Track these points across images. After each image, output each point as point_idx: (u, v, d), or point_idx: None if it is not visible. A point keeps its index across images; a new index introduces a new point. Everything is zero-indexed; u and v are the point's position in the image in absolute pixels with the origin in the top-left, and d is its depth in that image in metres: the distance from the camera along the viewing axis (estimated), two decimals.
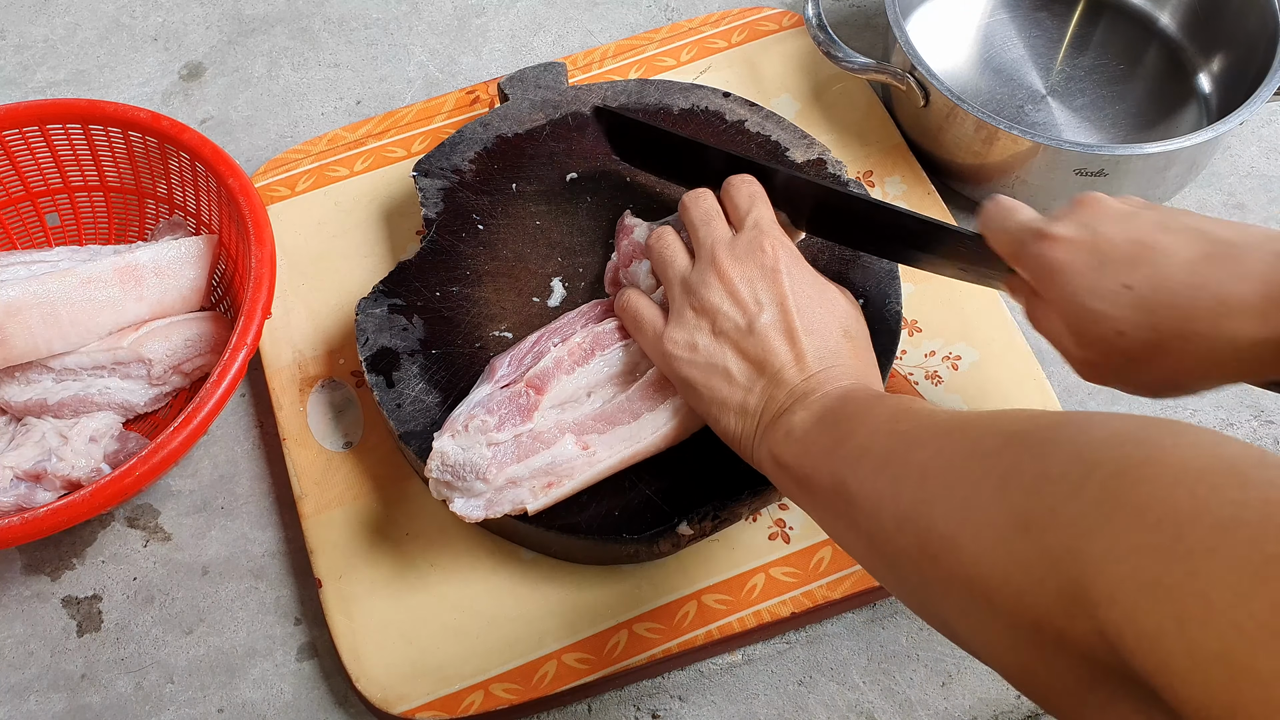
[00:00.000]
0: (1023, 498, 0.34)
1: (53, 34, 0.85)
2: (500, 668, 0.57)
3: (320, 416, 0.65)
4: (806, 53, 0.78)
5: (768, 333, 0.52)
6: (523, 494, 0.54)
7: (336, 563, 0.60)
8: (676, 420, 0.56)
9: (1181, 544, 0.28)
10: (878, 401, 0.46)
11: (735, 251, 0.54)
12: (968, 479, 0.37)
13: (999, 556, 0.34)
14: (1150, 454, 0.31)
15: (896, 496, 0.40)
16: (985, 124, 0.67)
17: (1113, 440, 0.33)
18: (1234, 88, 0.73)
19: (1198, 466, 0.30)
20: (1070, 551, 0.31)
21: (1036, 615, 0.32)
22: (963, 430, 0.40)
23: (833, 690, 0.59)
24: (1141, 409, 0.66)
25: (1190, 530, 0.28)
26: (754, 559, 0.60)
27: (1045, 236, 0.48)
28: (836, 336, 0.52)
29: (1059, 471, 0.33)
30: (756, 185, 0.57)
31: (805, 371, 0.50)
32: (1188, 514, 0.28)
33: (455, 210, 0.66)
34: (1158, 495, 0.30)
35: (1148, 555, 0.28)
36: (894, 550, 0.40)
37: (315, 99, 0.81)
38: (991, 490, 0.35)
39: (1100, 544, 0.30)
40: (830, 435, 0.46)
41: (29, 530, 0.54)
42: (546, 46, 0.84)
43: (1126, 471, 0.31)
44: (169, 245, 0.65)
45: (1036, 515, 0.33)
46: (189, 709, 0.59)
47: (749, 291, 0.53)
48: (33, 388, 0.63)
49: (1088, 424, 0.35)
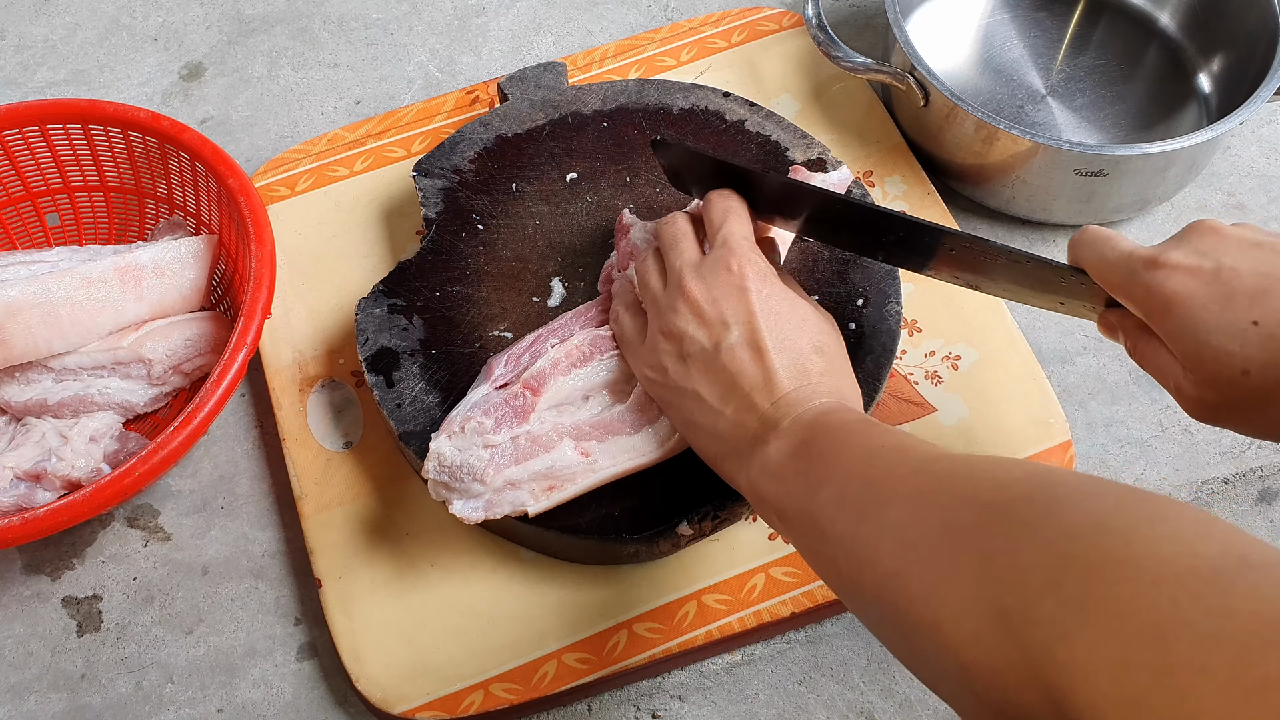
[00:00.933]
0: (999, 588, 0.33)
1: (53, 34, 0.85)
2: (500, 668, 0.57)
3: (320, 416, 0.65)
4: (806, 53, 0.78)
5: (735, 352, 0.50)
6: (523, 496, 0.54)
7: (336, 563, 0.60)
8: (677, 435, 0.56)
9: (1166, 659, 0.27)
10: (850, 435, 0.45)
11: (701, 272, 0.53)
12: (943, 558, 0.36)
13: (981, 649, 0.33)
14: (1127, 551, 0.30)
15: (874, 561, 0.39)
16: (985, 124, 0.67)
17: (1087, 528, 0.32)
18: (1234, 88, 0.73)
19: (1178, 569, 0.29)
20: (1049, 655, 0.30)
21: (1021, 713, 0.31)
22: (932, 494, 0.39)
23: (833, 690, 0.59)
24: (1136, 402, 0.66)
25: (1174, 644, 0.27)
26: (754, 559, 0.60)
27: (1160, 265, 0.45)
28: (808, 352, 0.51)
29: (1033, 561, 0.32)
30: (732, 200, 0.55)
31: (776, 392, 0.49)
32: (1170, 624, 0.28)
33: (455, 210, 0.66)
34: (1137, 600, 0.29)
35: (1132, 671, 0.28)
36: (874, 611, 0.40)
37: (315, 99, 0.81)
38: (969, 575, 0.34)
39: (1079, 650, 0.29)
40: (805, 477, 0.45)
41: (29, 530, 0.54)
42: (546, 46, 0.84)
43: (1102, 568, 0.30)
44: (169, 245, 0.65)
45: (1014, 609, 0.32)
46: (189, 709, 0.59)
47: (714, 311, 0.51)
48: (33, 388, 0.63)
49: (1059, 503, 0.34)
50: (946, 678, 0.36)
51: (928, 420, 0.64)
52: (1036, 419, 0.63)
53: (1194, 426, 0.66)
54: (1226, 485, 0.64)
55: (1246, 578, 0.28)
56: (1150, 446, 0.65)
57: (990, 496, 0.36)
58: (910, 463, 0.41)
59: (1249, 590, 0.28)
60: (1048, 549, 0.32)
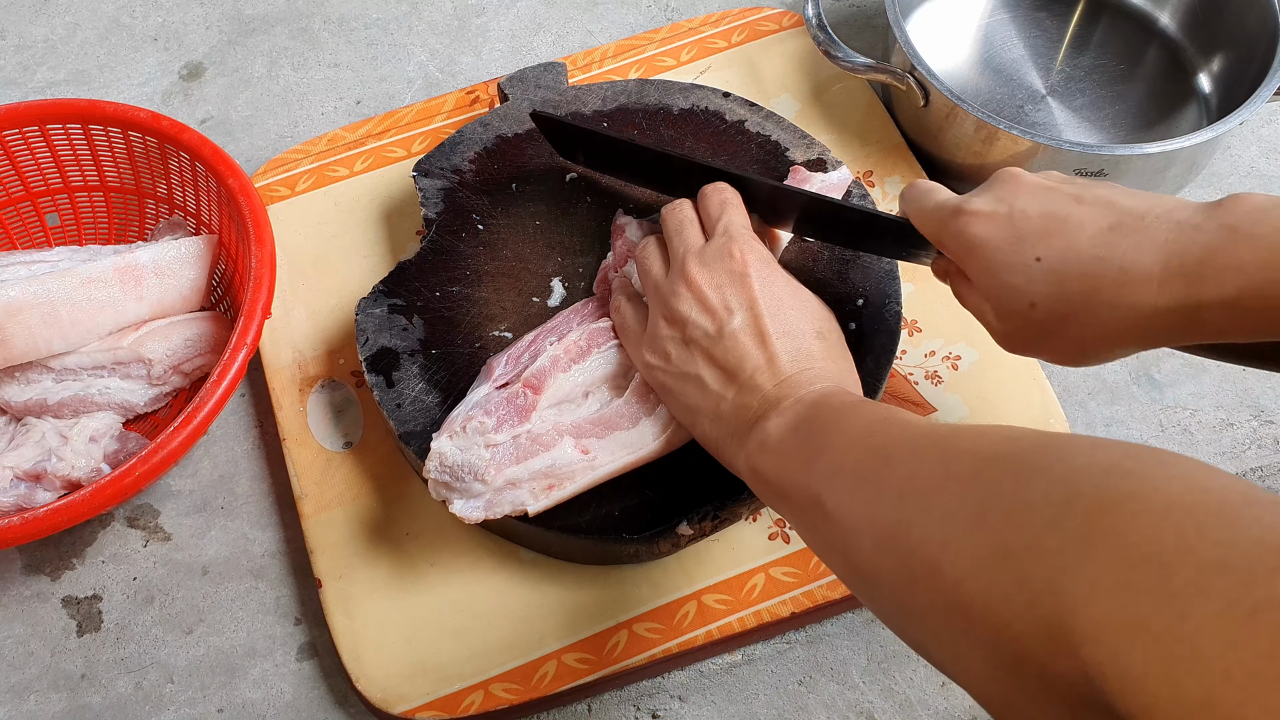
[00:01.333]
0: (1002, 525, 0.33)
1: (53, 34, 0.85)
2: (500, 668, 0.57)
3: (320, 416, 0.65)
4: (806, 53, 0.78)
5: (738, 337, 0.51)
6: (523, 496, 0.54)
7: (336, 563, 0.60)
8: (675, 426, 0.56)
9: (1168, 584, 0.27)
10: (852, 410, 0.46)
11: (704, 258, 0.54)
12: (945, 503, 0.36)
13: (979, 585, 0.33)
14: (1135, 487, 0.31)
15: (873, 518, 0.39)
16: (985, 124, 0.67)
17: (1095, 469, 0.32)
18: (1234, 88, 0.73)
19: (1185, 503, 0.29)
20: (1051, 585, 0.30)
21: (1018, 648, 0.31)
22: (939, 449, 0.39)
23: (833, 690, 0.59)
24: (1136, 402, 0.66)
25: (1177, 570, 0.27)
26: (754, 559, 0.60)
27: (963, 213, 0.49)
28: (810, 338, 0.52)
29: (1039, 499, 0.33)
30: (729, 192, 0.57)
31: (779, 375, 0.50)
32: (1174, 552, 0.28)
33: (455, 210, 0.66)
34: (1143, 531, 0.29)
35: (1133, 594, 0.28)
36: (872, 572, 0.40)
37: (315, 99, 0.81)
38: (969, 516, 0.35)
39: (1083, 580, 0.29)
40: (804, 448, 0.46)
41: (29, 530, 0.54)
42: (546, 46, 0.84)
43: (1110, 504, 0.30)
44: (169, 245, 0.65)
45: (1016, 544, 0.32)
46: (189, 709, 0.59)
47: (718, 298, 0.52)
48: (33, 388, 0.63)
49: (1069, 449, 0.34)
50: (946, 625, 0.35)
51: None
52: (1036, 419, 0.63)
53: (1194, 426, 0.66)
54: None
55: (1252, 510, 0.28)
56: None
57: (996, 448, 0.37)
58: (913, 431, 0.42)
59: (1253, 521, 0.28)
60: (1054, 487, 0.32)
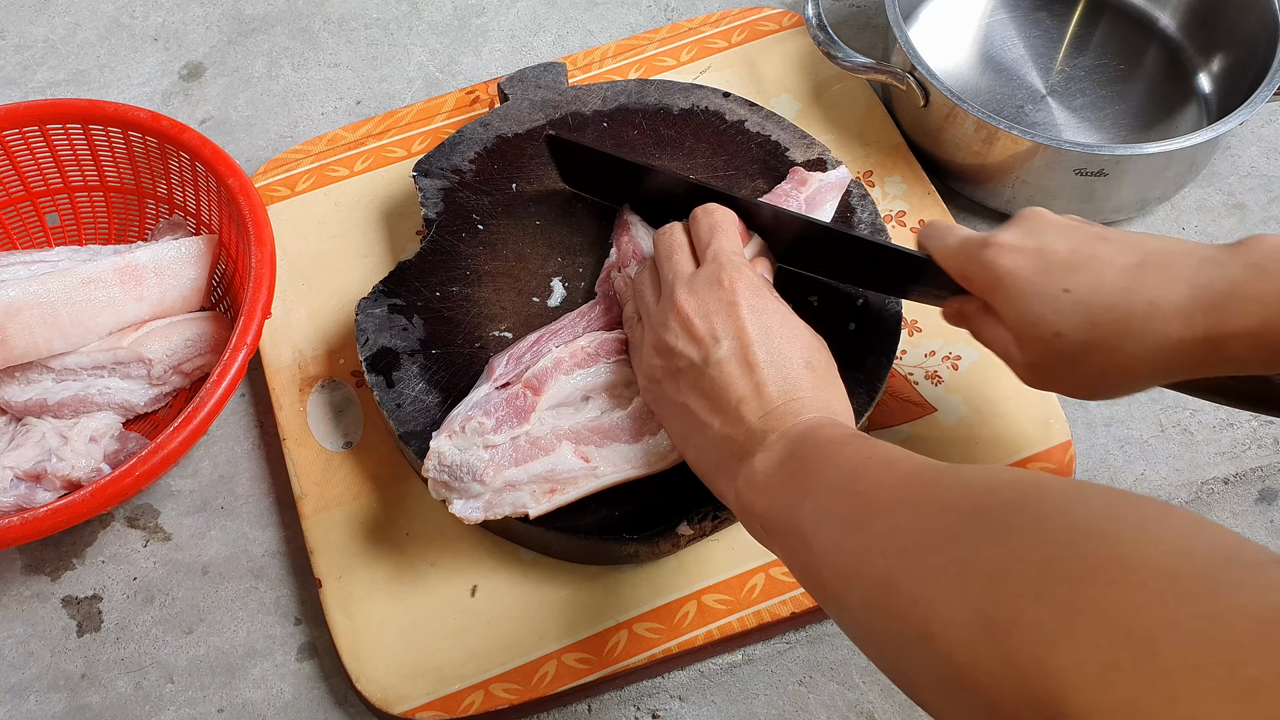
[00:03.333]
0: (984, 593, 0.33)
1: (53, 34, 0.85)
2: (500, 668, 0.57)
3: (320, 416, 0.65)
4: (806, 53, 0.78)
5: (724, 366, 0.50)
6: (524, 498, 0.54)
7: (336, 563, 0.60)
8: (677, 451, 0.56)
9: (1155, 663, 0.27)
10: (837, 448, 0.45)
11: (693, 286, 0.53)
12: (929, 564, 0.36)
13: (969, 656, 0.33)
14: (1114, 552, 0.30)
15: (860, 574, 0.39)
16: (985, 124, 0.67)
17: (1073, 533, 0.32)
18: (1234, 88, 0.73)
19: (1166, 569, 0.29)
20: (1038, 662, 0.30)
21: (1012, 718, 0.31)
22: (919, 501, 0.39)
23: (833, 690, 0.59)
24: (1136, 402, 0.66)
25: (1164, 646, 0.27)
26: (754, 559, 0.60)
27: (991, 245, 0.51)
28: (798, 367, 0.51)
29: (1018, 565, 0.32)
30: (720, 214, 0.57)
31: (765, 405, 0.49)
32: (1158, 627, 0.28)
33: (455, 210, 0.66)
34: (1124, 604, 0.29)
35: (1120, 676, 0.27)
36: (864, 626, 0.39)
37: (315, 99, 0.81)
38: (952, 581, 0.34)
39: (1068, 658, 0.29)
40: (791, 487, 0.45)
41: (29, 530, 0.54)
42: (546, 46, 0.84)
43: (1089, 572, 0.30)
44: (169, 245, 0.65)
45: (1000, 616, 0.32)
46: (189, 709, 0.59)
47: (705, 326, 0.52)
48: (33, 388, 0.63)
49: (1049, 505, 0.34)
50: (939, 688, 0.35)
51: (928, 420, 0.64)
52: (1036, 419, 0.63)
53: (1194, 426, 0.66)
54: (1226, 485, 0.64)
55: (1234, 577, 0.28)
56: (1150, 446, 0.65)
57: (976, 502, 0.37)
58: (897, 474, 0.41)
59: (1237, 590, 0.27)
60: (1033, 554, 0.32)
